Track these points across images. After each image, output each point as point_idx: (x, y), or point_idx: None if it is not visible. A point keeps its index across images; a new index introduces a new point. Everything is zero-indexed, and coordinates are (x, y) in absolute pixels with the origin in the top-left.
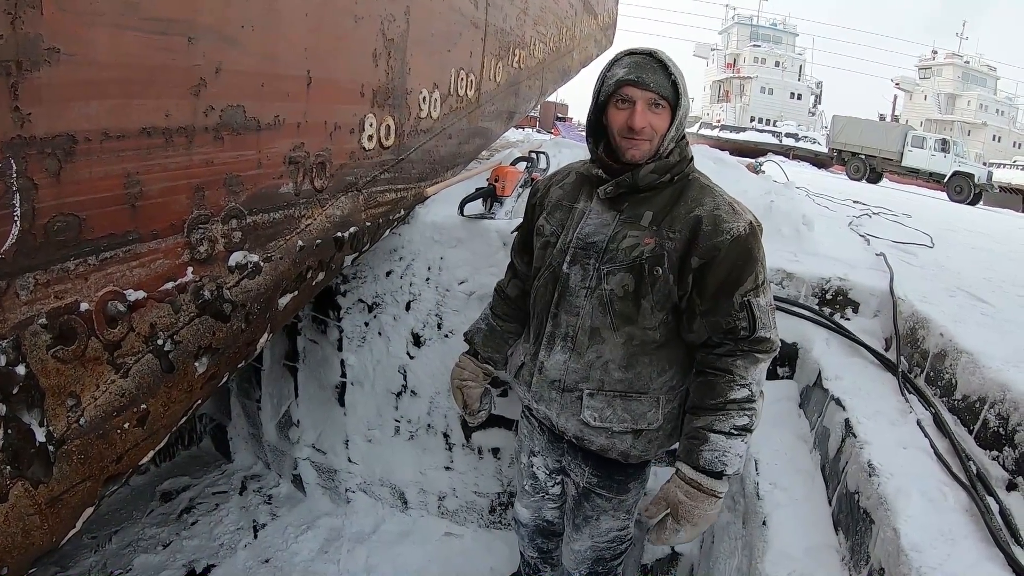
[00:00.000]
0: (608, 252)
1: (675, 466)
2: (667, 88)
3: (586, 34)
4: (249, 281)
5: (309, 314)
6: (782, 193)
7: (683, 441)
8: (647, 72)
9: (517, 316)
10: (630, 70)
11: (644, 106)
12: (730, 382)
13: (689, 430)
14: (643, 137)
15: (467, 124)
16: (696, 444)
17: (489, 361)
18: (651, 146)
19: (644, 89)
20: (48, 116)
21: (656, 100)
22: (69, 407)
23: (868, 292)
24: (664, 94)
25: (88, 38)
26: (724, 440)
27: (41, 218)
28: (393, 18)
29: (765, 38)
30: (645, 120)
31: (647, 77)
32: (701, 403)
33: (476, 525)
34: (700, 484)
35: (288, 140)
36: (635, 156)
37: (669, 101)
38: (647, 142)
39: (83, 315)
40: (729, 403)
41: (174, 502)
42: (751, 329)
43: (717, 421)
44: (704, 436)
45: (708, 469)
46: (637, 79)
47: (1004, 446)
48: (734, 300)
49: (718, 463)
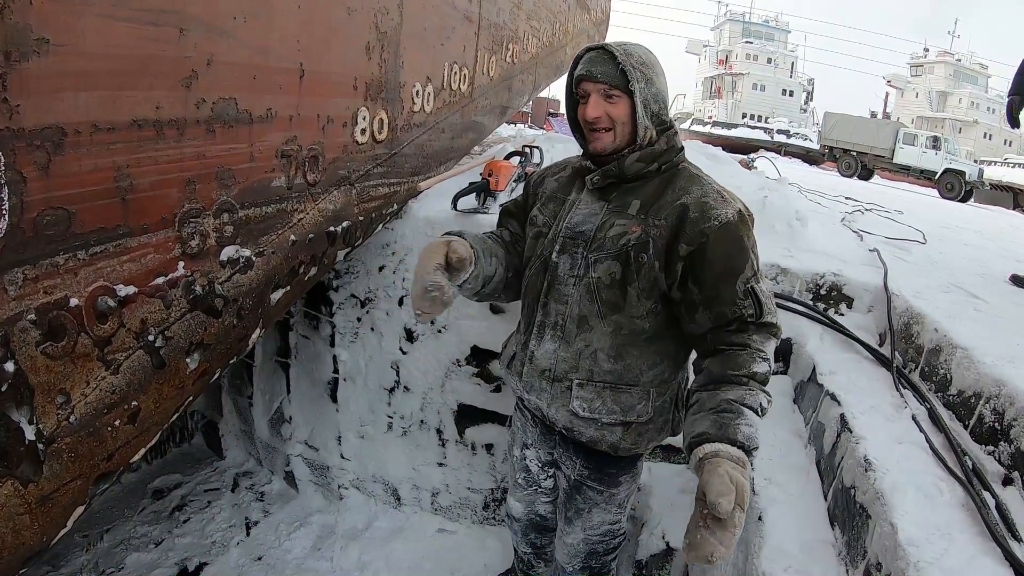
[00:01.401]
0: (596, 240)
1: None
2: (616, 77)
3: (579, 29)
4: (241, 276)
5: (301, 309)
6: (775, 189)
7: (709, 416)
8: (597, 64)
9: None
10: (584, 65)
11: (597, 98)
12: (752, 354)
13: (718, 403)
14: (601, 126)
15: (460, 118)
16: (731, 418)
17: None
18: (614, 136)
19: (595, 82)
20: (37, 108)
21: (606, 90)
22: (59, 404)
23: (862, 288)
24: (614, 83)
25: (78, 28)
26: (755, 417)
27: (30, 212)
28: (386, 11)
29: (757, 35)
30: (599, 110)
31: (596, 69)
32: (724, 375)
33: (469, 521)
34: (744, 462)
35: (280, 133)
36: (597, 148)
37: (621, 89)
38: (607, 132)
39: (73, 311)
40: (753, 377)
41: (166, 500)
42: (758, 315)
43: (748, 395)
44: (739, 410)
45: (746, 446)
46: (588, 72)
47: (1000, 441)
48: (737, 288)
49: (755, 439)
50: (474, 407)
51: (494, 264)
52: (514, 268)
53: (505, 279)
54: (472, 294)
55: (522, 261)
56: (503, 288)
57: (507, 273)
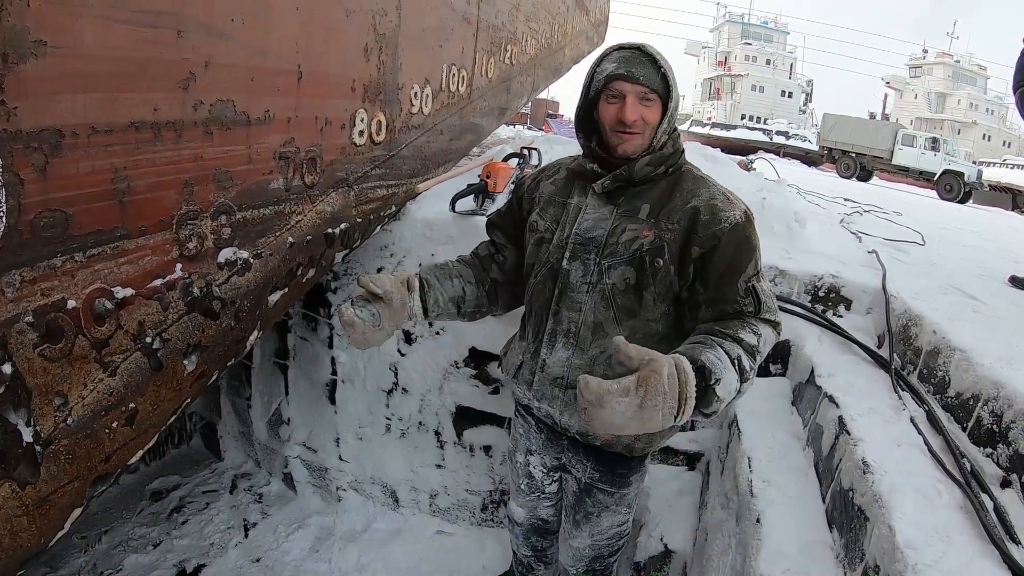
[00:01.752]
0: (608, 246)
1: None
2: (657, 81)
3: (578, 31)
4: (239, 278)
5: (299, 311)
6: (774, 190)
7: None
8: (636, 66)
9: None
10: (619, 64)
11: (635, 99)
12: (743, 324)
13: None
14: (635, 131)
15: (459, 120)
16: (701, 347)
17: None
18: (643, 139)
19: (634, 83)
20: (35, 110)
21: (646, 94)
22: (56, 406)
23: (860, 289)
24: (654, 87)
25: (76, 30)
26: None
27: (27, 214)
28: (385, 12)
29: (756, 36)
30: (637, 113)
31: (637, 71)
32: (711, 331)
33: (468, 523)
34: (687, 380)
35: (278, 135)
36: (627, 151)
37: (659, 94)
38: (639, 135)
39: (70, 313)
40: (739, 341)
41: (164, 501)
42: (757, 312)
43: (726, 344)
44: (712, 344)
45: (704, 370)
46: (627, 73)
47: (998, 443)
48: (738, 287)
49: (715, 371)
50: (472, 409)
51: (457, 284)
52: (491, 281)
53: (484, 293)
54: (452, 318)
55: (507, 271)
56: (488, 302)
57: (482, 287)
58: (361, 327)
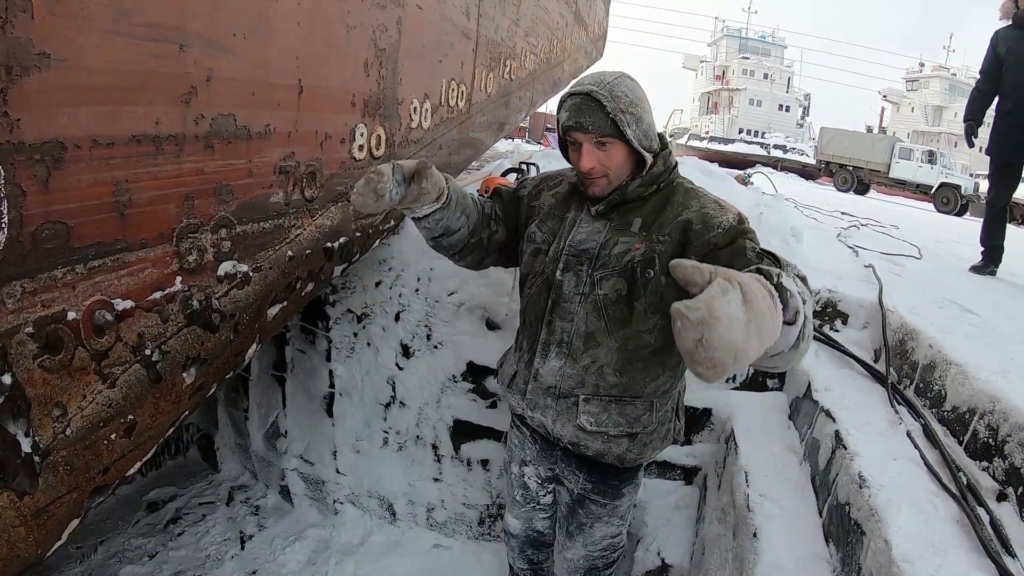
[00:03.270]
0: (600, 258)
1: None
2: (606, 127)
3: (577, 45)
4: (238, 291)
5: (298, 324)
6: (771, 205)
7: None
8: (586, 114)
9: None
10: (571, 114)
11: (590, 147)
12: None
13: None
14: (596, 175)
15: (458, 134)
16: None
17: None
18: (608, 180)
19: (585, 132)
20: (37, 122)
21: (598, 139)
22: (55, 417)
23: (857, 304)
24: (605, 132)
25: (79, 43)
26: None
27: (29, 225)
28: (385, 28)
29: (754, 50)
30: (592, 161)
31: (585, 120)
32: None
33: (465, 537)
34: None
35: (279, 149)
36: (595, 192)
37: (613, 135)
38: (603, 178)
39: (70, 324)
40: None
41: (160, 512)
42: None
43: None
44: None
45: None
46: (576, 124)
47: (994, 457)
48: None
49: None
50: (470, 423)
51: (461, 220)
52: (479, 236)
53: (466, 241)
54: (429, 237)
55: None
56: (460, 249)
57: (470, 237)
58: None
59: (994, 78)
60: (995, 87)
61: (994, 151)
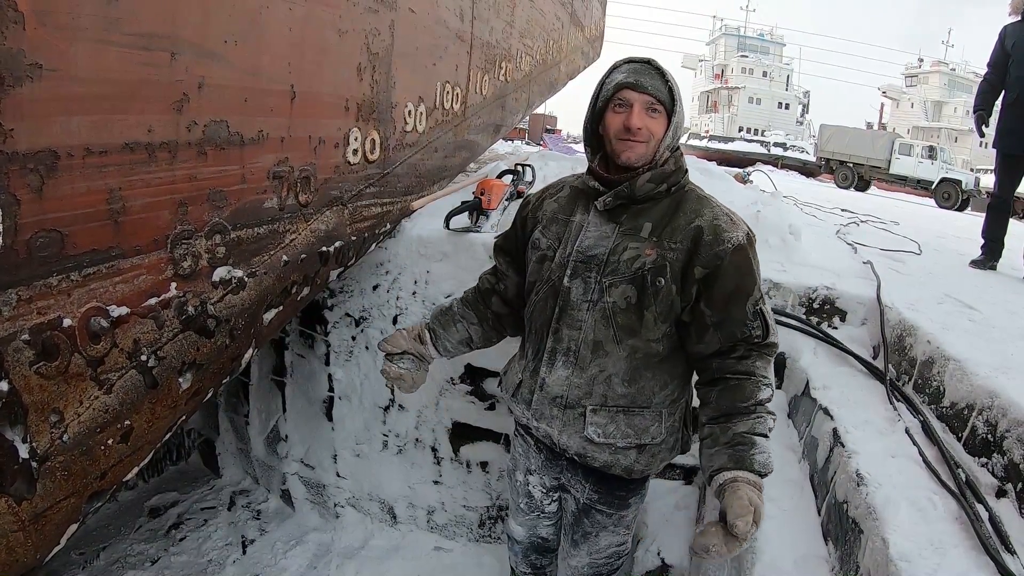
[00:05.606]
0: (609, 264)
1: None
2: (664, 93)
3: (573, 46)
4: (233, 296)
5: (296, 328)
6: (769, 203)
7: (725, 451)
8: (645, 76)
9: (475, 307)
10: (628, 75)
11: (641, 108)
12: (756, 383)
13: (731, 438)
14: (639, 139)
15: (453, 137)
16: (746, 450)
17: (431, 332)
18: (647, 149)
19: (642, 92)
20: (30, 132)
21: (653, 104)
22: (52, 423)
23: (855, 301)
24: (661, 98)
25: (70, 53)
26: (765, 442)
27: (23, 234)
28: (378, 32)
29: (752, 49)
30: (642, 121)
31: (645, 81)
32: (734, 408)
33: (465, 539)
34: (760, 485)
35: (272, 155)
36: (630, 158)
37: (665, 106)
38: (643, 144)
39: (66, 331)
40: (759, 405)
41: (162, 518)
42: (764, 335)
43: (757, 424)
44: (752, 441)
45: (761, 472)
46: (635, 82)
47: (993, 453)
48: (747, 310)
49: (768, 465)
50: (469, 425)
51: (461, 328)
52: (493, 315)
53: (489, 329)
54: (467, 352)
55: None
56: (496, 335)
57: (485, 325)
58: (409, 377)
59: (1001, 71)
60: (1002, 79)
61: (999, 142)
